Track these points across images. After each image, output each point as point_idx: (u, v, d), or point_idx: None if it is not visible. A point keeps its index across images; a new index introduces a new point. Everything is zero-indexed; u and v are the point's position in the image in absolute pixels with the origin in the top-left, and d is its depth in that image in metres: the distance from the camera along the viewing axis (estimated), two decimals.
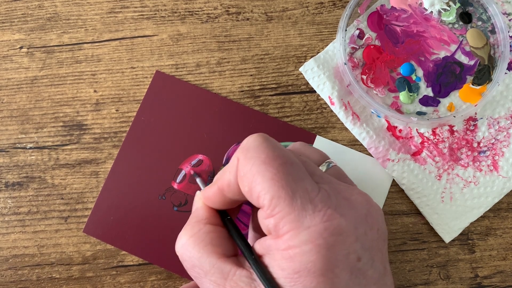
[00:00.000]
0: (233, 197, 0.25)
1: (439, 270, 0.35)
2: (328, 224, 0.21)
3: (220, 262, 0.23)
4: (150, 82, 0.37)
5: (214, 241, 0.24)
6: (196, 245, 0.24)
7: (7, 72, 0.38)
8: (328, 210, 0.21)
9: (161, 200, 0.36)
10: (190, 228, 0.25)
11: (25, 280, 0.35)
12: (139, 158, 0.36)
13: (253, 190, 0.22)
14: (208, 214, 0.26)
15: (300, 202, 0.21)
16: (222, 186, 0.25)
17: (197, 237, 0.24)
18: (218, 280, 0.23)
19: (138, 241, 0.35)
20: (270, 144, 0.23)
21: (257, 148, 0.23)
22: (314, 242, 0.21)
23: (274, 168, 0.22)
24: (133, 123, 0.37)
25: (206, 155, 0.36)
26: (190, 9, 0.39)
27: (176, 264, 0.34)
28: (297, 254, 0.21)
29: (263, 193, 0.22)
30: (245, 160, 0.23)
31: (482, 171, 0.35)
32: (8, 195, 0.36)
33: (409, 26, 0.37)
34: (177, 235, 0.34)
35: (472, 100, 0.35)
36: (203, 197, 0.27)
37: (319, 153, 0.28)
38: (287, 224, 0.21)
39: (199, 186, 0.35)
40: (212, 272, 0.23)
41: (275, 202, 0.21)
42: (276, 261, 0.22)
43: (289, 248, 0.21)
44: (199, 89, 0.37)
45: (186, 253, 0.24)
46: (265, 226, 0.23)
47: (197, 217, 0.26)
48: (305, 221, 0.21)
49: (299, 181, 0.22)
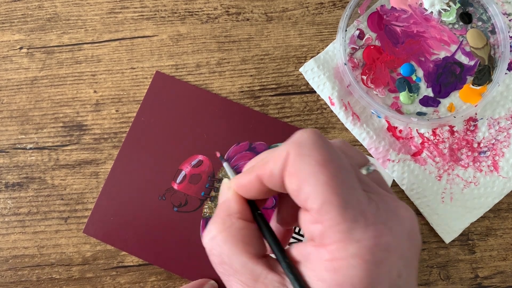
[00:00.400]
0: (272, 188, 0.23)
1: (439, 270, 0.35)
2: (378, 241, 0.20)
3: (251, 263, 0.22)
4: (150, 82, 0.37)
5: (246, 239, 0.23)
6: (228, 241, 0.23)
7: (7, 73, 0.38)
8: (379, 225, 0.21)
9: (161, 201, 0.36)
10: (221, 221, 0.24)
11: (25, 280, 0.35)
12: (139, 159, 0.36)
13: (303, 190, 0.21)
14: (240, 207, 0.25)
15: (352, 213, 0.20)
16: (262, 175, 0.23)
17: (228, 233, 0.23)
18: (248, 282, 0.22)
19: (138, 241, 0.35)
20: (326, 144, 0.22)
21: (312, 146, 0.21)
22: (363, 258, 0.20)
23: (329, 172, 0.21)
24: (133, 123, 0.37)
25: (206, 155, 0.36)
26: (190, 10, 0.39)
27: (175, 265, 0.34)
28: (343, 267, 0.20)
29: (314, 197, 0.21)
30: (298, 157, 0.21)
31: (482, 172, 0.35)
32: (8, 195, 0.36)
33: (409, 27, 0.37)
34: (178, 235, 0.35)
35: (472, 101, 0.35)
36: (236, 185, 0.25)
37: (361, 155, 0.27)
38: (336, 234, 0.20)
39: (199, 186, 0.35)
40: (242, 272, 0.22)
41: (326, 208, 0.20)
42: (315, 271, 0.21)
43: (334, 259, 0.20)
44: (199, 89, 0.37)
45: (216, 247, 0.23)
46: (309, 231, 0.21)
47: (228, 210, 0.24)
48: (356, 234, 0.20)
49: (352, 190, 0.21)
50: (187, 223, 0.35)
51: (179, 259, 0.34)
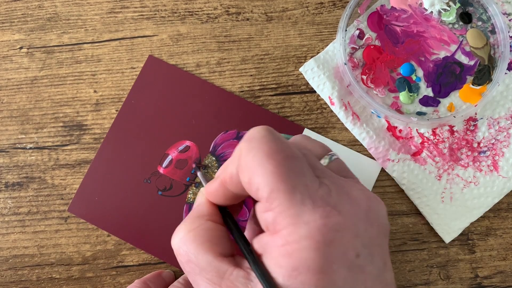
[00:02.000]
0: (235, 191, 0.24)
1: (439, 270, 0.35)
2: (327, 221, 0.21)
3: (217, 261, 0.23)
4: (143, 66, 0.38)
5: (214, 239, 0.24)
6: (194, 240, 0.24)
7: (7, 72, 0.38)
8: (328, 207, 0.21)
9: (146, 184, 0.36)
10: (190, 222, 0.25)
11: (25, 280, 0.35)
12: (127, 141, 0.36)
13: (253, 181, 0.22)
14: (210, 211, 0.26)
15: (300, 197, 0.21)
16: (224, 179, 0.24)
17: (196, 233, 0.24)
18: (214, 279, 0.23)
19: (121, 222, 0.35)
20: (274, 137, 0.23)
21: (260, 139, 0.22)
22: (313, 238, 0.20)
23: (276, 161, 0.21)
24: (123, 106, 0.37)
25: (194, 141, 0.36)
26: (190, 9, 0.39)
27: (156, 247, 0.35)
28: (296, 250, 0.21)
29: (263, 186, 0.21)
30: (247, 151, 0.22)
31: (482, 171, 0.35)
32: (8, 195, 0.36)
33: (409, 26, 0.37)
34: (160, 219, 0.35)
35: (472, 100, 0.35)
36: (206, 193, 0.26)
37: (321, 146, 0.28)
38: (286, 219, 0.21)
39: (185, 171, 0.35)
40: (208, 270, 0.23)
41: (274, 195, 0.21)
42: (273, 259, 0.21)
43: (287, 244, 0.21)
44: (190, 75, 0.37)
45: (183, 247, 0.24)
46: (263, 220, 0.22)
47: (198, 213, 0.26)
48: (304, 217, 0.21)
49: (301, 175, 0.22)
50: (171, 207, 0.35)
51: (159, 242, 0.35)
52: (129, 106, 0.37)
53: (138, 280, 0.32)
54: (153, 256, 0.35)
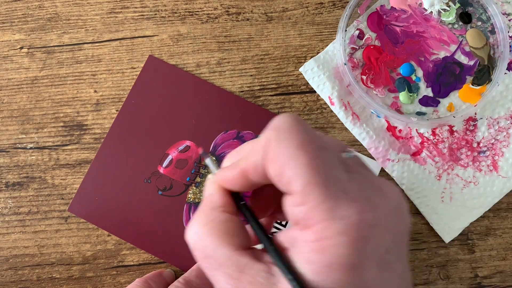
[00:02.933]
0: (257, 180, 0.23)
1: (439, 270, 0.35)
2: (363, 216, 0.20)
3: (236, 255, 0.22)
4: (143, 66, 0.38)
5: (231, 231, 0.23)
6: (211, 234, 0.22)
7: (7, 72, 0.38)
8: (363, 201, 0.20)
9: (146, 184, 0.36)
10: (204, 215, 0.23)
11: (25, 280, 0.35)
12: (127, 141, 0.37)
13: (285, 174, 0.21)
14: (224, 200, 0.24)
15: (334, 191, 0.20)
16: (247, 168, 0.23)
17: (212, 226, 0.23)
18: (234, 274, 0.21)
19: (121, 222, 0.35)
20: (304, 127, 0.21)
21: (290, 130, 0.21)
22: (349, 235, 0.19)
23: (309, 153, 0.20)
24: (123, 105, 0.37)
25: (194, 141, 0.36)
26: (190, 10, 0.39)
27: (156, 248, 0.35)
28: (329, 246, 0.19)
29: (295, 179, 0.20)
30: (277, 142, 0.21)
31: (482, 171, 0.35)
32: (8, 195, 0.36)
33: (409, 27, 0.37)
34: (160, 218, 0.35)
35: (472, 100, 0.35)
36: (220, 180, 0.25)
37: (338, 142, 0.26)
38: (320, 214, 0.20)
39: (185, 171, 0.35)
40: (227, 264, 0.22)
41: (308, 189, 0.20)
42: (303, 254, 0.20)
43: (321, 239, 0.20)
44: (190, 75, 0.37)
45: (199, 242, 0.23)
46: (294, 214, 0.21)
47: (211, 204, 0.24)
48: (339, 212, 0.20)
49: (333, 169, 0.21)
50: (171, 207, 0.35)
51: (160, 242, 0.35)
52: (129, 106, 0.37)
53: (139, 279, 0.32)
54: (153, 256, 0.35)
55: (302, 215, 0.20)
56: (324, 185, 0.20)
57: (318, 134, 0.22)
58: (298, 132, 0.21)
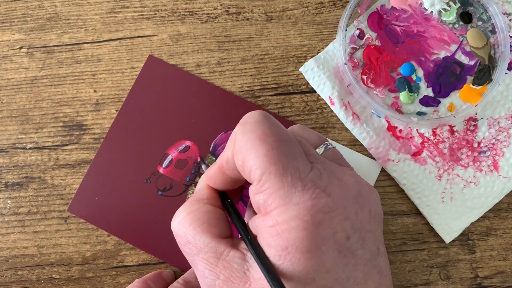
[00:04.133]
0: (232, 175, 0.25)
1: (439, 270, 0.35)
2: (316, 202, 0.21)
3: (214, 242, 0.23)
4: (142, 66, 0.38)
5: (211, 221, 0.24)
6: (193, 222, 0.24)
7: (7, 72, 0.38)
8: (317, 189, 0.22)
9: (146, 184, 0.36)
10: (189, 205, 0.25)
11: (25, 280, 0.35)
12: (127, 141, 0.36)
13: (246, 164, 0.22)
14: (209, 195, 0.26)
15: (290, 179, 0.21)
16: (221, 163, 0.25)
17: (194, 215, 0.25)
18: (211, 259, 0.23)
19: (121, 222, 0.35)
20: (268, 121, 0.23)
21: (254, 123, 0.23)
22: (302, 219, 0.21)
23: (268, 144, 0.22)
24: (122, 105, 0.37)
25: (194, 141, 0.36)
26: (190, 9, 0.39)
27: (156, 248, 0.35)
28: (285, 230, 0.21)
29: (255, 168, 0.22)
30: (241, 134, 0.23)
31: (483, 172, 0.35)
32: (8, 195, 0.36)
33: (409, 26, 0.37)
34: (160, 219, 0.35)
35: (473, 100, 0.35)
36: (206, 178, 0.27)
37: (317, 135, 0.28)
38: (276, 200, 0.21)
39: (184, 171, 0.35)
40: (206, 250, 0.23)
41: (265, 177, 0.21)
42: (264, 239, 0.22)
43: (277, 224, 0.21)
44: (190, 75, 0.37)
45: (181, 228, 0.24)
46: (255, 202, 0.23)
47: (197, 197, 0.26)
48: (294, 198, 0.21)
49: (292, 159, 0.22)
50: (171, 207, 0.35)
51: (159, 242, 0.35)
52: (129, 106, 0.37)
53: (138, 280, 0.32)
54: (153, 256, 0.35)
55: (262, 202, 0.22)
56: (280, 173, 0.21)
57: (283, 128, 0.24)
58: (261, 125, 0.23)
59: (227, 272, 0.23)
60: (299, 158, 0.22)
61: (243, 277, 0.22)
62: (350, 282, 0.22)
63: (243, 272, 0.22)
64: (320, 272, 0.21)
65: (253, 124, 0.23)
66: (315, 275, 0.21)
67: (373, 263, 0.23)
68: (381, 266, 0.23)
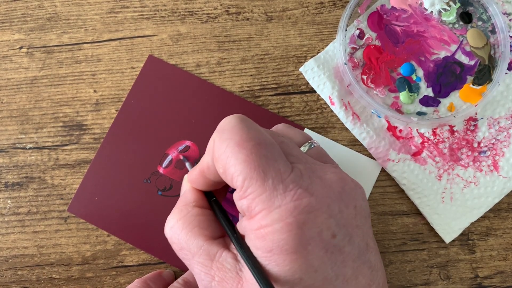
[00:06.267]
0: (213, 179, 0.25)
1: (439, 270, 0.35)
2: (298, 203, 0.21)
3: (207, 244, 0.24)
4: (142, 66, 0.38)
5: (202, 224, 0.25)
6: (184, 227, 0.25)
7: (6, 72, 0.38)
8: (299, 190, 0.22)
9: (146, 184, 0.36)
10: (178, 211, 0.26)
11: (25, 280, 0.35)
12: (127, 141, 0.36)
13: (227, 172, 0.22)
14: (195, 196, 0.27)
15: (271, 183, 0.22)
16: (202, 168, 0.25)
17: (184, 220, 0.25)
18: (205, 262, 0.23)
19: (121, 222, 0.35)
20: (245, 126, 0.23)
21: (231, 129, 0.23)
22: (285, 221, 0.21)
23: (247, 150, 0.22)
24: (122, 105, 0.37)
25: (194, 141, 0.36)
26: (190, 9, 0.39)
27: (156, 248, 0.35)
28: (269, 232, 0.21)
29: (236, 175, 0.22)
30: (219, 142, 0.23)
31: (483, 171, 0.35)
32: (7, 195, 0.36)
33: (409, 26, 0.37)
34: (160, 219, 0.35)
35: (473, 100, 0.35)
36: (189, 179, 0.27)
37: (301, 134, 0.29)
38: (259, 204, 0.22)
39: (185, 171, 0.35)
40: (199, 254, 0.24)
41: (247, 183, 0.22)
42: (251, 241, 0.22)
43: (261, 227, 0.22)
44: (190, 75, 0.37)
45: (174, 235, 0.25)
46: (240, 207, 0.23)
47: (185, 200, 0.27)
48: (276, 201, 0.21)
49: (272, 162, 0.22)
50: (171, 207, 0.35)
51: (159, 242, 0.35)
52: (129, 106, 0.37)
53: (138, 280, 0.32)
54: (153, 256, 0.35)
55: (245, 207, 0.22)
56: (261, 178, 0.22)
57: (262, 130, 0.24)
58: (238, 131, 0.23)
59: (221, 273, 0.23)
60: (279, 160, 0.23)
61: (236, 277, 0.23)
62: (340, 280, 0.22)
63: (236, 273, 0.23)
64: (308, 272, 0.21)
65: (230, 130, 0.23)
66: (302, 275, 0.21)
67: (362, 259, 0.23)
68: (372, 261, 0.23)
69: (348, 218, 0.23)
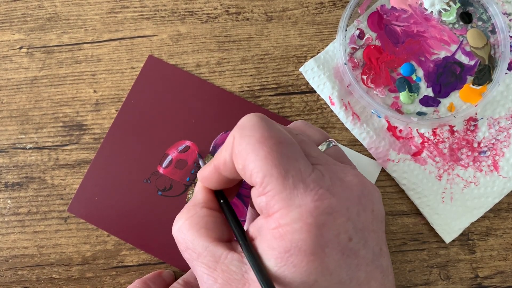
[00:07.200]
0: (229, 176, 0.25)
1: (440, 270, 0.35)
2: (319, 204, 0.21)
3: (212, 246, 0.24)
4: (142, 66, 0.38)
5: (209, 225, 0.24)
6: (191, 227, 0.24)
7: (6, 72, 0.38)
8: (320, 190, 0.22)
9: (146, 184, 0.36)
10: (186, 211, 0.26)
11: (25, 280, 0.35)
12: (127, 141, 0.36)
13: (247, 168, 0.22)
14: (206, 197, 0.26)
15: (292, 181, 0.21)
16: (218, 164, 0.25)
17: (192, 220, 0.25)
18: (210, 263, 0.23)
19: (121, 222, 0.35)
20: (266, 123, 0.23)
21: (252, 126, 0.23)
22: (305, 221, 0.21)
23: (268, 147, 0.22)
24: (122, 105, 0.37)
25: (194, 141, 0.36)
26: (190, 9, 0.39)
27: (156, 248, 0.35)
28: (288, 232, 0.21)
29: (256, 171, 0.22)
30: (240, 138, 0.23)
31: (483, 172, 0.35)
32: (8, 195, 0.36)
33: (409, 26, 0.37)
34: (160, 219, 0.35)
35: (473, 100, 0.35)
36: (200, 177, 0.27)
37: (320, 132, 0.28)
38: (278, 202, 0.21)
39: (184, 171, 0.35)
40: (204, 255, 0.23)
41: (267, 180, 0.22)
42: (266, 241, 0.22)
43: (280, 226, 0.21)
44: (190, 75, 0.37)
45: (180, 235, 0.25)
46: (257, 204, 0.23)
47: (194, 201, 0.26)
48: (296, 200, 0.21)
49: (293, 160, 0.22)
50: (171, 207, 0.35)
51: (159, 242, 0.35)
52: (129, 106, 0.37)
53: (138, 280, 0.32)
54: (153, 256, 0.35)
55: (264, 204, 0.22)
56: (282, 175, 0.21)
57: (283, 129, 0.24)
58: (259, 128, 0.23)
59: (225, 275, 0.23)
60: (300, 159, 0.22)
61: (241, 279, 0.22)
62: (353, 283, 0.22)
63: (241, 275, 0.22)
64: (323, 274, 0.21)
65: (251, 127, 0.23)
66: (318, 277, 0.21)
67: (375, 263, 0.23)
68: (384, 266, 0.23)
69: (365, 222, 0.23)
